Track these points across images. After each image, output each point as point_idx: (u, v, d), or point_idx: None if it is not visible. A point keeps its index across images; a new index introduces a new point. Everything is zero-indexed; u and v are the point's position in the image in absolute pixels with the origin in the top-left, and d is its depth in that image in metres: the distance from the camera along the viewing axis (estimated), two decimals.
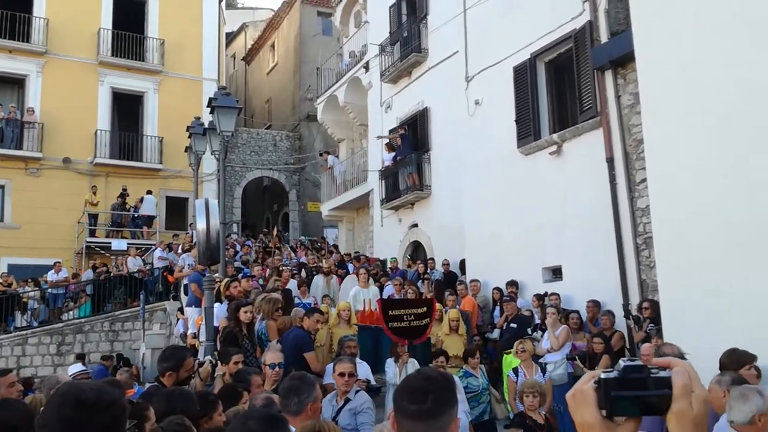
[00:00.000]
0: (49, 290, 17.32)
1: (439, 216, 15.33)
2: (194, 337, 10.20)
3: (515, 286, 11.14)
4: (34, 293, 17.20)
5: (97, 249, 21.19)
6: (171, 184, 23.82)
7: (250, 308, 7.44)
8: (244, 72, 34.82)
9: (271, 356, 5.37)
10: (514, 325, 9.58)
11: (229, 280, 9.73)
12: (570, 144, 10.84)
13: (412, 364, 7.51)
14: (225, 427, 3.56)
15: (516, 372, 7.43)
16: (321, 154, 22.65)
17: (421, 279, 13.42)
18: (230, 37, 34.59)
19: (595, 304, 9.61)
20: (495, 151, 12.19)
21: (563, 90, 11.62)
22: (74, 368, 8.63)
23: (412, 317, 8.12)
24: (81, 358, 14.23)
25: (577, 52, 10.63)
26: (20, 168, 21.71)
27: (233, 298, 8.78)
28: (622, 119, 9.81)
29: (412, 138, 16.46)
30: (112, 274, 17.76)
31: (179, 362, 4.51)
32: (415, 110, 16.59)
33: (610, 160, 9.85)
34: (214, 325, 8.23)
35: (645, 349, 6.50)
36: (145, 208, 22.04)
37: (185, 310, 12.24)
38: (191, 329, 10.85)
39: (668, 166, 7.00)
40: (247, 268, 14.32)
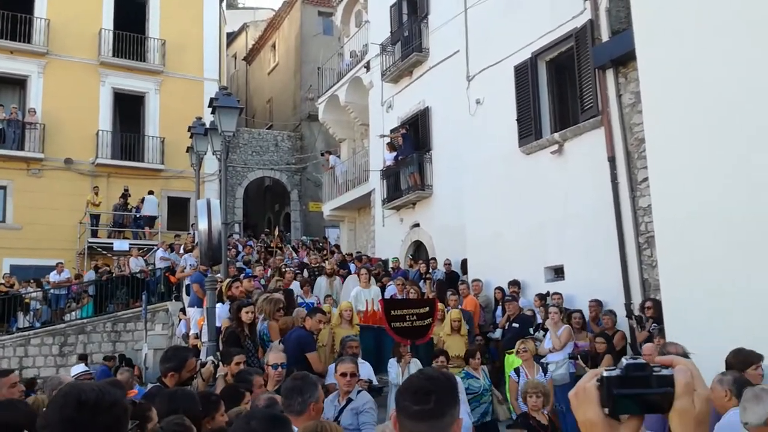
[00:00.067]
0: (52, 291, 17.33)
1: (440, 215, 15.32)
2: (196, 337, 10.19)
3: (517, 285, 11.13)
4: (36, 294, 17.21)
5: (99, 249, 21.23)
6: (172, 184, 23.84)
7: (251, 308, 7.46)
8: (245, 72, 34.83)
9: (274, 356, 5.37)
10: (516, 325, 9.57)
11: (230, 281, 9.73)
12: (571, 143, 10.83)
13: (415, 364, 7.50)
14: (227, 428, 3.56)
15: (517, 372, 7.42)
16: (322, 154, 22.66)
17: (422, 279, 13.42)
18: (231, 37, 34.62)
19: (598, 304, 9.61)
20: (496, 151, 12.19)
21: (564, 89, 11.60)
22: (77, 369, 8.66)
23: (415, 317, 8.11)
24: (83, 358, 14.27)
25: (578, 51, 10.62)
26: (22, 169, 21.74)
27: (235, 298, 8.77)
28: (624, 118, 9.80)
29: (414, 137, 16.45)
30: (114, 275, 17.76)
31: (181, 363, 4.51)
32: (416, 110, 16.59)
33: (612, 160, 9.85)
34: (216, 326, 8.24)
35: (647, 348, 6.50)
36: (146, 208, 22.04)
37: (187, 310, 12.24)
38: (193, 330, 10.84)
39: (670, 166, 7.00)
40: (249, 269, 14.31)
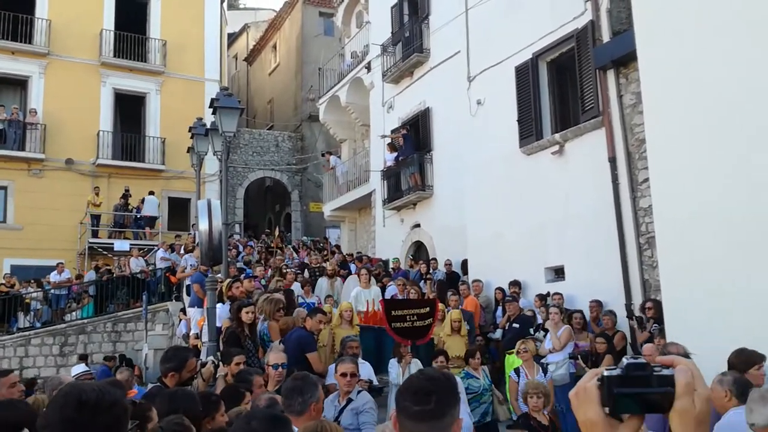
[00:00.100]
0: (52, 291, 17.34)
1: (441, 216, 15.32)
2: (197, 337, 10.20)
3: (518, 286, 11.13)
4: (36, 294, 17.22)
5: (100, 250, 21.24)
6: (173, 184, 23.85)
7: (252, 309, 7.46)
8: (246, 72, 34.85)
9: (275, 357, 5.38)
10: (516, 325, 9.57)
11: (231, 281, 9.72)
12: (572, 144, 10.83)
13: (416, 364, 7.50)
14: (228, 428, 3.56)
15: (518, 372, 7.42)
16: (323, 155, 22.67)
17: (423, 279, 13.42)
18: (232, 38, 34.63)
19: (599, 304, 9.61)
20: (497, 151, 12.18)
21: (565, 90, 11.60)
22: (77, 369, 8.66)
23: (415, 317, 8.10)
24: (84, 358, 14.28)
25: (579, 51, 10.62)
26: (23, 169, 21.75)
27: (235, 298, 8.77)
28: (624, 119, 9.80)
29: (414, 138, 16.44)
30: (114, 275, 17.77)
31: (182, 363, 4.51)
32: (417, 110, 16.58)
33: (613, 160, 9.84)
34: (217, 326, 8.24)
35: (647, 349, 6.50)
36: (147, 208, 22.04)
37: (188, 310, 12.24)
38: (194, 330, 10.85)
39: (670, 166, 7.00)
40: (250, 269, 14.31)
